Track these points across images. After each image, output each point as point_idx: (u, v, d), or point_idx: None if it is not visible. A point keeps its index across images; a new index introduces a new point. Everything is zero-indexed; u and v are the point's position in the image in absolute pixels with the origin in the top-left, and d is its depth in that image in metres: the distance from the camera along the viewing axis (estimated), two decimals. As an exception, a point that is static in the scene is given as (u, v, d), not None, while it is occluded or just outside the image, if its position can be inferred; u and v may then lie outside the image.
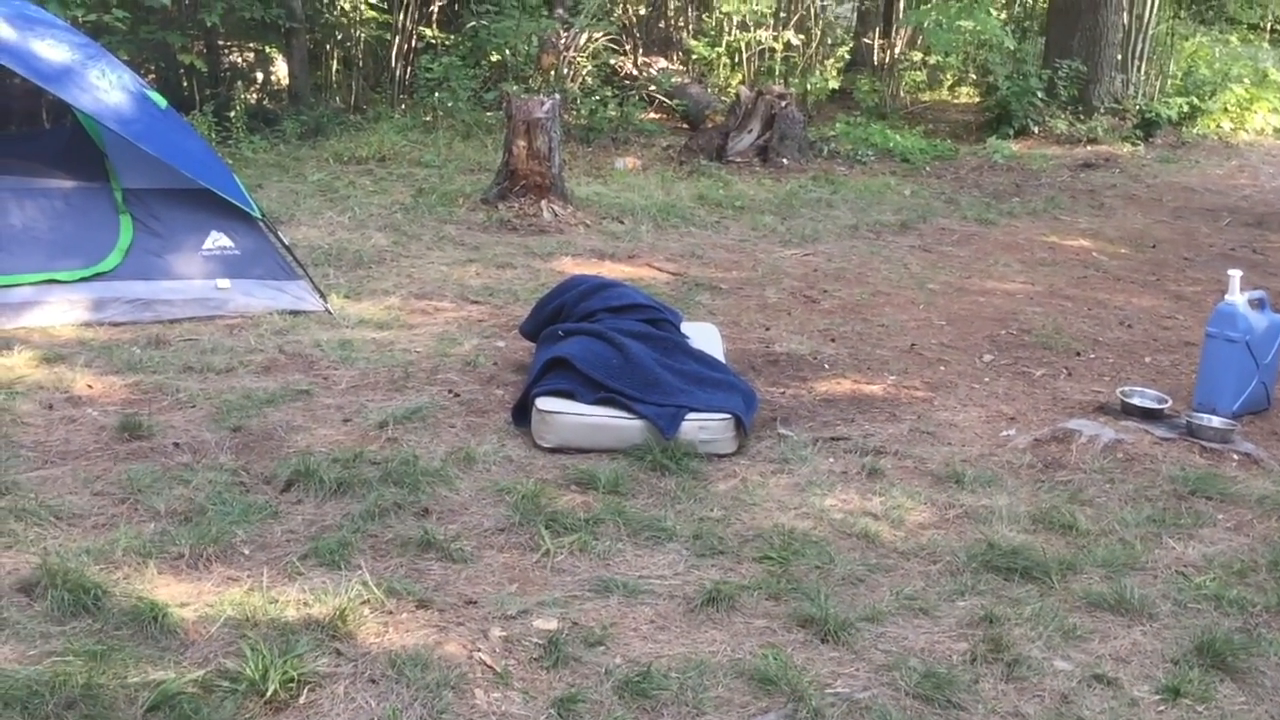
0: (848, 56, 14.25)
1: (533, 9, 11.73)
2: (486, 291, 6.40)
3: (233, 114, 9.70)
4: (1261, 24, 14.67)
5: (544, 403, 4.41)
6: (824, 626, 3.22)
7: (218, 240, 5.77)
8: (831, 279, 6.99)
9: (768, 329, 5.98)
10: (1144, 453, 4.43)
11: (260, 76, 12.02)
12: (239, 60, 11.81)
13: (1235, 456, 4.41)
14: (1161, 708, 2.94)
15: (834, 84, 13.21)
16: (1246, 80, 13.41)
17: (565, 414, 4.38)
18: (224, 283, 5.72)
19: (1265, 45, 15.02)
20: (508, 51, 11.44)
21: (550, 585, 3.41)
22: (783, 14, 13.03)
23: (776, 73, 12.76)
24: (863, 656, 3.12)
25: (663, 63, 13.01)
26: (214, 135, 9.35)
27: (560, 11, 12.13)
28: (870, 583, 3.52)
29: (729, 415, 4.43)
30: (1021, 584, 3.52)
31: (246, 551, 3.51)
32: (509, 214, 7.86)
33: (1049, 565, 3.60)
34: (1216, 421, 4.60)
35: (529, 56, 11.50)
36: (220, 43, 11.10)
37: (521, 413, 4.54)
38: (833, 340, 5.84)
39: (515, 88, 10.60)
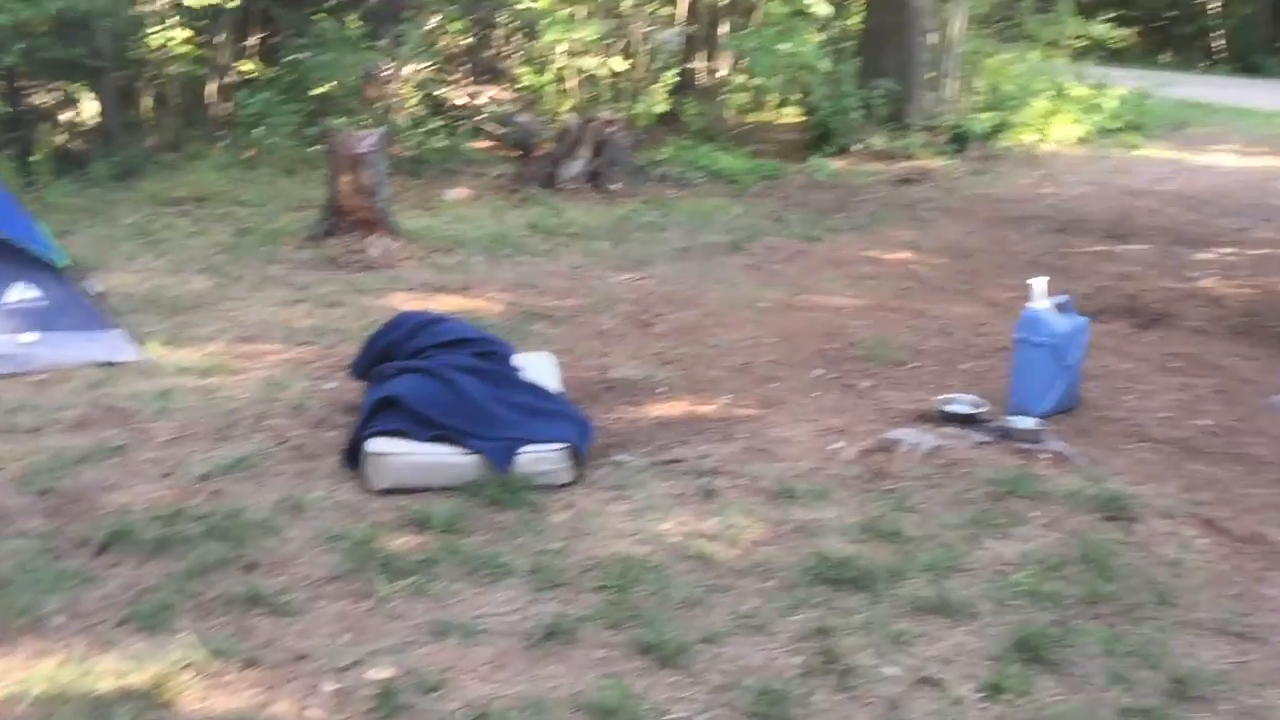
0: (676, 80, 14.49)
1: (354, 41, 11.56)
2: (315, 332, 6.26)
3: (37, 158, 9.24)
4: (1058, 41, 15.54)
5: (374, 444, 4.33)
6: (662, 652, 3.24)
7: (23, 292, 5.49)
8: (665, 302, 7.07)
9: (603, 355, 6.01)
10: (963, 457, 4.62)
11: (67, 117, 11.50)
12: (42, 101, 11.28)
13: (1046, 455, 4.63)
14: (984, 705, 3.07)
15: (662, 108, 13.41)
16: (1048, 94, 14.18)
17: (397, 455, 4.31)
18: (29, 336, 5.44)
19: (1063, 61, 15.90)
20: (332, 84, 11.24)
21: (385, 632, 3.34)
22: (610, 40, 13.18)
23: (605, 98, 12.88)
24: (700, 679, 3.15)
25: (492, 91, 13.00)
26: (16, 181, 8.89)
27: (384, 43, 11.98)
28: (707, 604, 3.56)
29: (564, 445, 4.43)
30: (852, 594, 3.62)
31: (58, 622, 3.33)
32: (336, 251, 7.71)
33: (877, 573, 3.71)
34: (1028, 423, 4.83)
35: (353, 89, 11.32)
36: (20, 84, 10.58)
37: (353, 456, 4.44)
38: (667, 363, 5.91)
39: (341, 121, 10.41)
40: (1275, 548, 4.04)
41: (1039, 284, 5.34)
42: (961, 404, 5.07)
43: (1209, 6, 26.48)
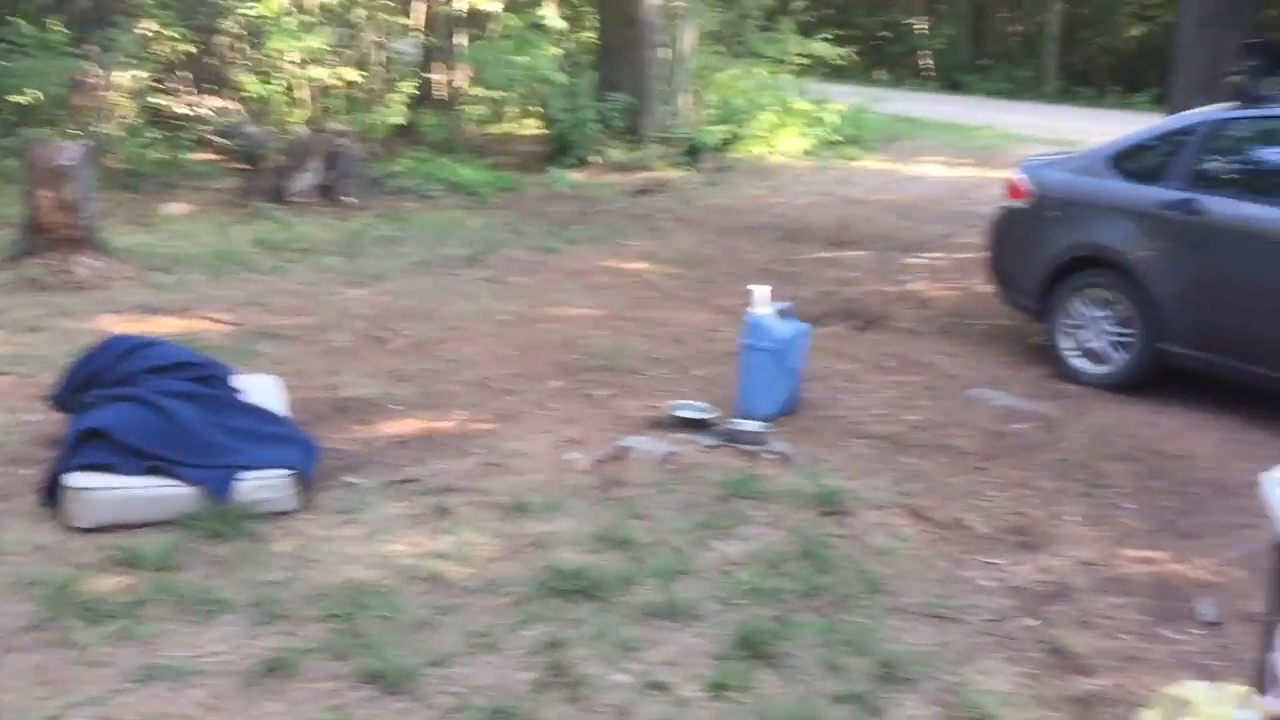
0: (413, 91, 14.27)
1: (56, 45, 10.76)
2: (13, 360, 5.76)
3: None
4: (782, 59, 16.30)
5: (76, 479, 4.03)
6: (389, 679, 3.16)
7: None
8: (401, 317, 6.94)
9: (335, 374, 5.83)
10: (693, 462, 4.75)
11: None
12: None
13: (770, 456, 4.83)
14: (709, 704, 3.15)
15: (399, 119, 13.18)
16: (775, 108, 14.86)
17: (103, 489, 4.02)
18: None
19: (788, 77, 16.70)
20: (34, 93, 10.41)
21: (85, 682, 3.11)
22: (341, 50, 12.83)
23: (338, 110, 12.53)
24: (429, 703, 3.09)
25: (216, 101, 12.40)
26: None
27: (93, 49, 11.21)
28: (438, 625, 3.50)
29: (288, 470, 4.26)
30: (583, 604, 3.65)
31: None
32: (37, 272, 7.14)
33: (609, 582, 3.75)
34: (752, 425, 5.02)
35: (58, 98, 10.53)
36: None
37: (52, 492, 4.11)
38: (403, 380, 5.79)
39: (44, 132, 9.66)
40: (973, 532, 4.36)
41: (761, 291, 5.56)
42: (692, 409, 5.21)
43: (917, 28, 28.50)
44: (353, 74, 12.45)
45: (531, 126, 14.49)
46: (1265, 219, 5.64)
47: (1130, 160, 6.33)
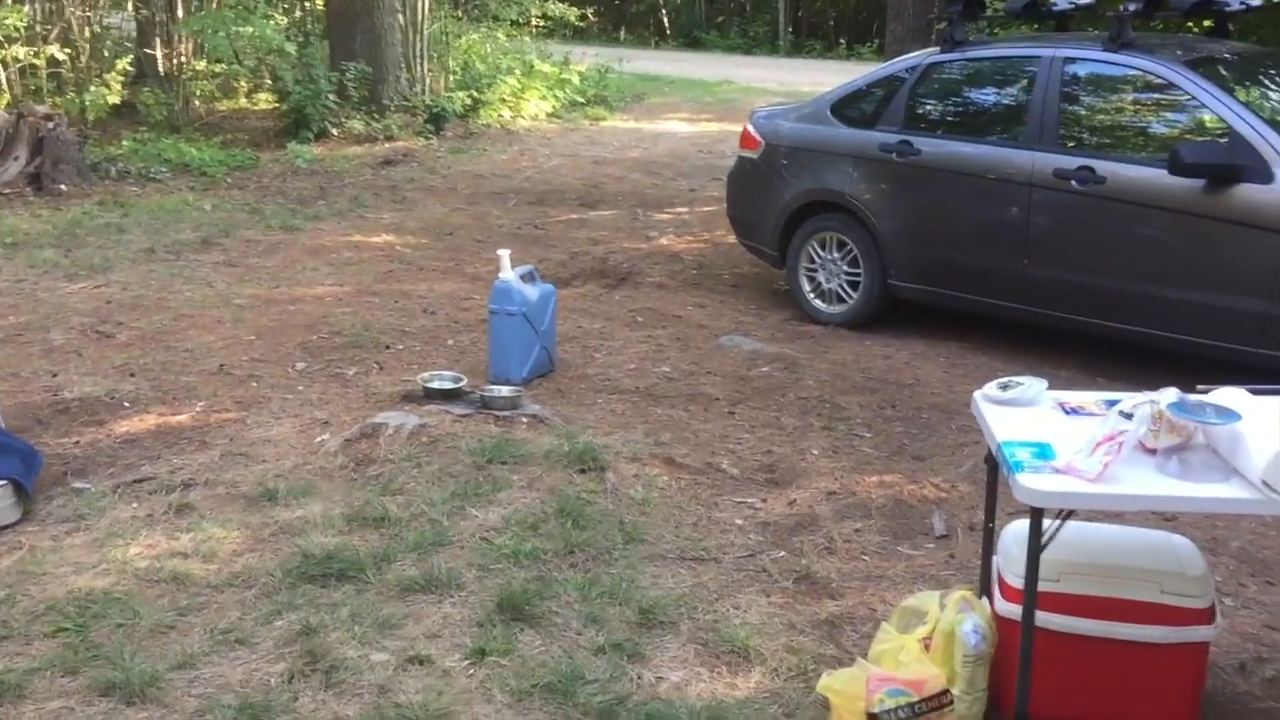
0: (131, 69, 13.36)
1: None
2: None
3: None
4: (521, 20, 16.20)
5: None
6: (129, 688, 2.99)
7: None
8: (128, 309, 6.51)
9: (54, 375, 5.43)
10: (446, 432, 4.68)
11: None
12: None
13: (524, 420, 4.82)
14: (471, 671, 3.13)
15: (116, 99, 12.31)
16: (518, 71, 14.75)
17: None
18: None
19: (528, 39, 16.62)
20: None
21: None
22: (45, 27, 11.86)
23: (44, 91, 11.60)
24: (175, 708, 2.94)
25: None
26: None
27: None
28: (182, 627, 3.33)
29: (5, 481, 3.94)
30: (339, 587, 3.55)
31: None
32: None
33: (364, 562, 3.67)
34: (505, 390, 5.00)
35: None
36: None
37: None
38: (132, 375, 5.45)
39: None
40: (726, 475, 4.50)
41: (505, 256, 5.53)
42: (443, 380, 5.14)
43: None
44: (59, 52, 11.53)
45: (265, 101, 13.85)
46: (970, 156, 6.02)
47: (849, 107, 6.62)
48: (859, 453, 4.75)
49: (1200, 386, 2.67)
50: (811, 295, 6.64)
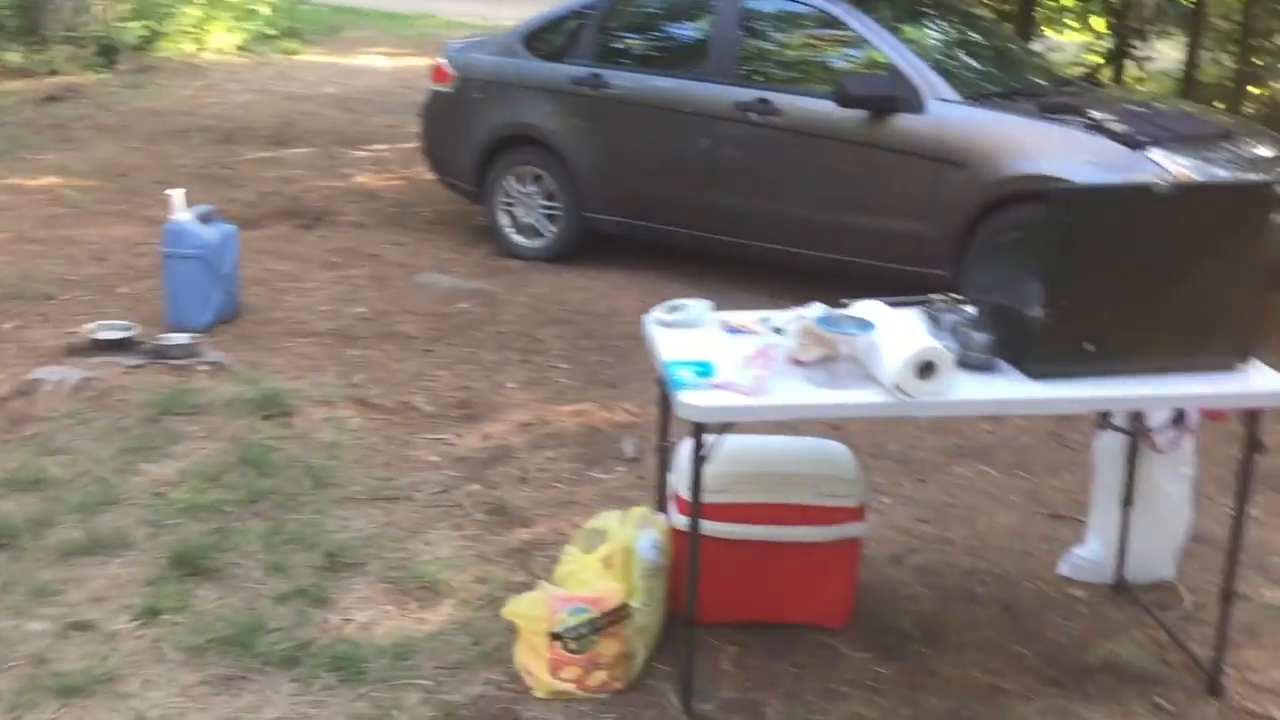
0: None
1: None
2: None
3: None
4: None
5: None
6: None
7: None
8: None
9: None
10: (115, 385, 4.38)
11: None
12: None
13: (204, 368, 4.58)
14: (141, 632, 2.96)
15: None
16: (200, 1, 13.80)
17: None
18: None
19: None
20: None
21: None
22: None
23: None
24: None
25: None
26: None
27: None
28: None
29: None
30: (-10, 558, 3.27)
31: None
32: None
33: (20, 528, 3.39)
34: (181, 338, 4.73)
35: None
36: None
37: None
38: None
39: None
40: (420, 413, 4.44)
41: (178, 196, 5.21)
42: (111, 329, 4.80)
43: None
44: None
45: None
46: (658, 89, 6.16)
47: (540, 40, 6.61)
48: (555, 384, 4.81)
49: (843, 300, 2.84)
50: (510, 230, 6.63)
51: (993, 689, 2.91)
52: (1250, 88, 9.62)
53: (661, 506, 3.24)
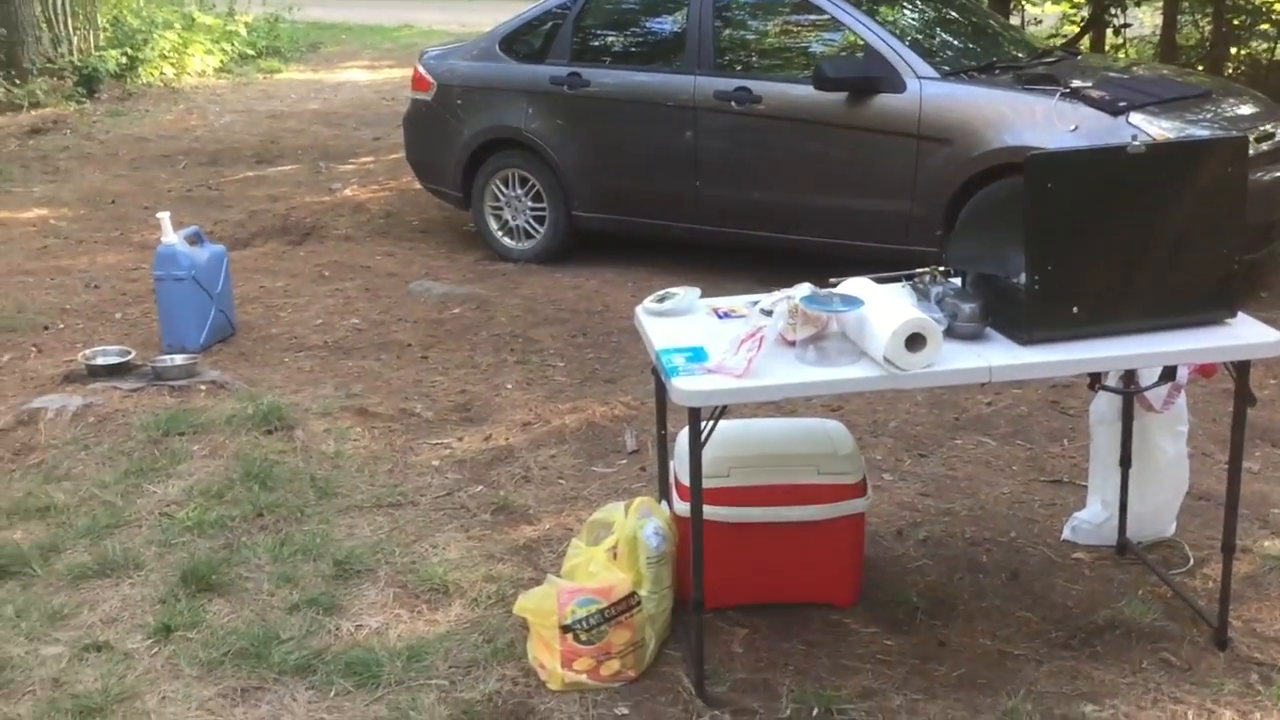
0: None
1: None
2: None
3: None
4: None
5: None
6: None
7: None
8: None
9: None
10: (116, 409, 4.40)
11: None
12: None
13: (203, 387, 4.60)
14: (156, 650, 2.99)
15: None
16: (177, 26, 13.82)
17: None
18: None
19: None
20: None
21: None
22: None
23: None
24: None
25: None
26: None
27: None
28: None
29: None
30: (2, 585, 3.29)
31: None
32: None
33: (29, 555, 3.42)
34: (178, 359, 4.75)
35: None
36: None
37: None
38: None
39: None
40: (420, 419, 4.47)
41: (165, 218, 5.23)
42: (108, 355, 4.82)
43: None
44: None
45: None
46: (638, 84, 6.18)
47: (517, 42, 6.62)
48: (552, 382, 4.83)
49: (831, 279, 2.87)
50: (499, 233, 6.65)
51: (1002, 655, 2.94)
52: (1229, 48, 9.63)
53: (664, 495, 3.26)
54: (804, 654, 2.97)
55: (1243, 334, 2.76)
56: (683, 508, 3.02)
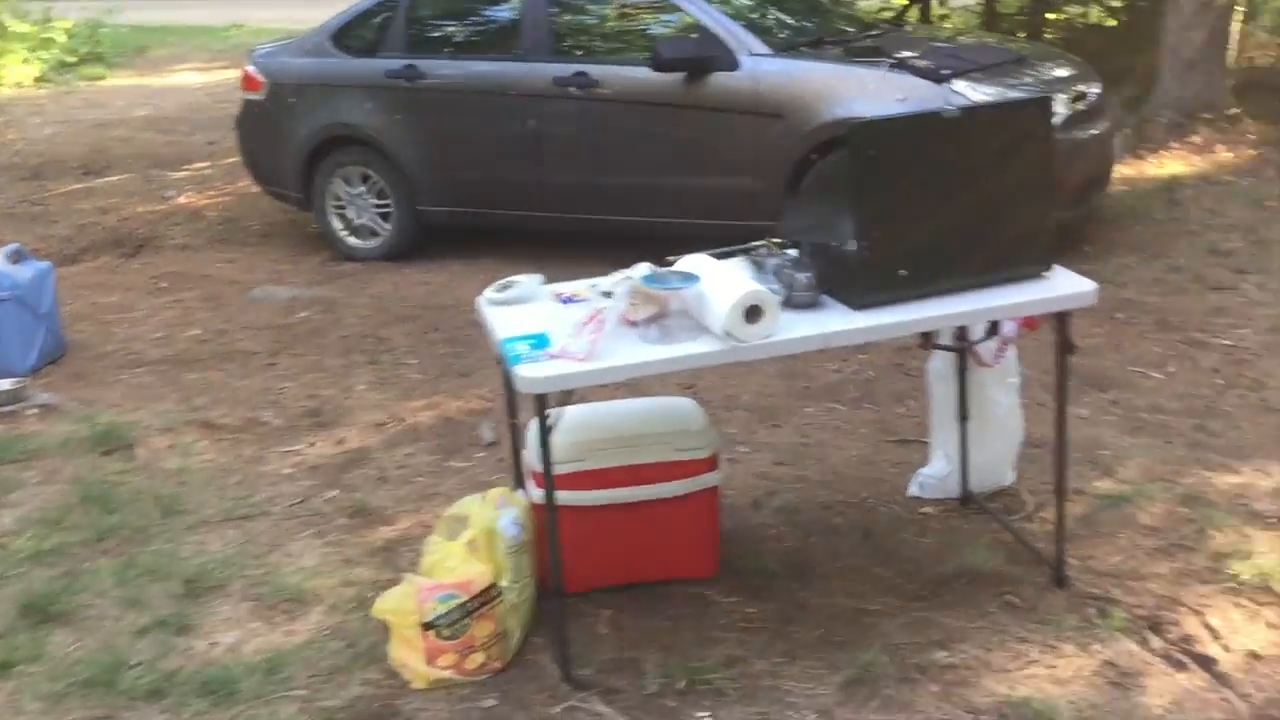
0: None
1: None
2: None
3: None
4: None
5: None
6: None
7: None
8: None
9: None
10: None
11: None
12: None
13: (33, 411, 4.39)
14: (-7, 689, 2.85)
15: None
16: (-10, 35, 13.13)
17: None
18: None
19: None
20: None
21: None
22: None
23: None
24: None
25: None
26: None
27: None
28: None
29: None
30: None
31: None
32: None
33: None
34: (5, 384, 4.52)
35: None
36: None
37: None
38: None
39: None
40: (269, 427, 4.35)
41: (-18, 237, 4.96)
42: (-72, 385, 4.56)
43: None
44: None
45: None
46: (476, 74, 6.12)
47: (349, 36, 6.48)
48: (405, 380, 4.76)
49: (668, 258, 2.89)
50: (344, 233, 6.51)
51: (858, 611, 3.02)
52: (1046, 15, 10.06)
53: (520, 484, 3.25)
54: (669, 629, 3.00)
55: (1060, 286, 2.88)
56: (538, 495, 3.01)
